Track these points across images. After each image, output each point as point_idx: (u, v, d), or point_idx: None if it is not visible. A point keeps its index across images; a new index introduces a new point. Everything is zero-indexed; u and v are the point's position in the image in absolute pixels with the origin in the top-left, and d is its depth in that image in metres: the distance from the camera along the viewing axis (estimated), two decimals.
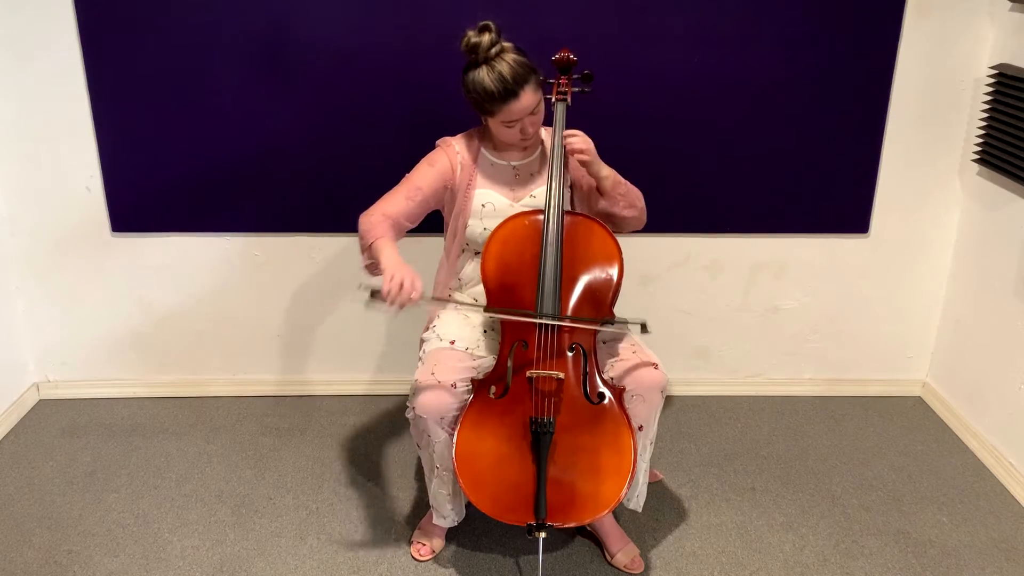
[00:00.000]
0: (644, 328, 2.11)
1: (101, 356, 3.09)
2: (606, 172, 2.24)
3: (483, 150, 2.30)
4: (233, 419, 3.02)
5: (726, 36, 2.71)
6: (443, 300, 2.27)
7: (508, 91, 2.10)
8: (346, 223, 2.90)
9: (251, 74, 2.72)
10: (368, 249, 2.19)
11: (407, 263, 2.08)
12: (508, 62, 2.10)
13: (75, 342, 3.07)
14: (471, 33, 2.11)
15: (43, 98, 2.75)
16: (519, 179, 2.30)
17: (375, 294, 2.04)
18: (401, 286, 2.01)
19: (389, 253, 2.12)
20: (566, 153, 2.20)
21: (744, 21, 2.69)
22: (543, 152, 2.34)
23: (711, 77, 2.75)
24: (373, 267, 2.21)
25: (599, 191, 2.27)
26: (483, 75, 2.10)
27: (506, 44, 2.13)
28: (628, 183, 2.31)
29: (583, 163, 2.20)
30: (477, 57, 2.11)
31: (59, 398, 3.12)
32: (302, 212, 2.89)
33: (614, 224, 2.32)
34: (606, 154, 2.35)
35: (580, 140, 2.17)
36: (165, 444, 2.87)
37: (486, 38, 2.09)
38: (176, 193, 2.86)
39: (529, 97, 2.12)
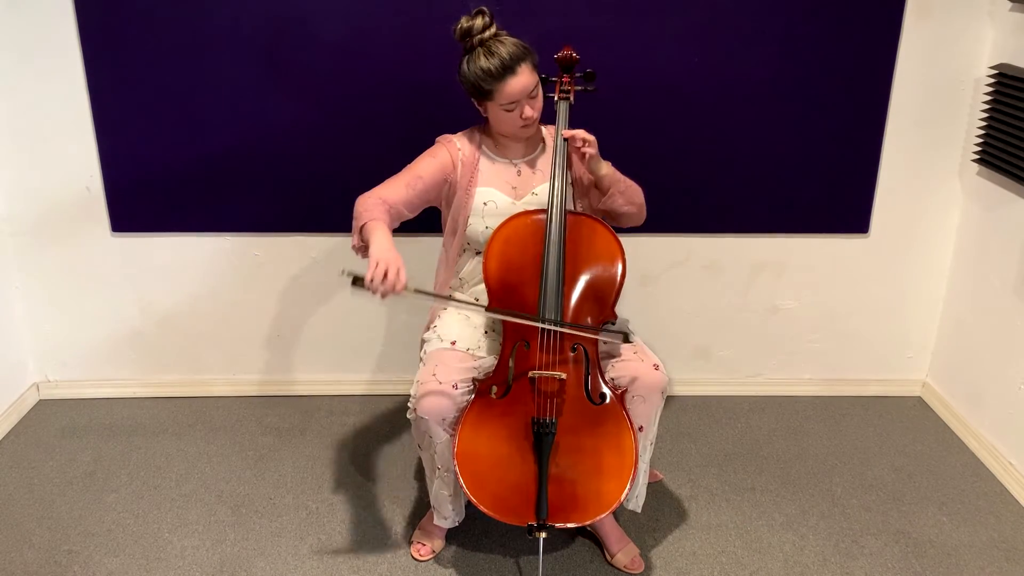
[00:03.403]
0: (626, 338, 2.16)
1: (101, 356, 3.09)
2: (605, 170, 2.24)
3: (484, 147, 2.29)
4: (233, 419, 3.01)
5: (726, 36, 2.71)
6: (434, 295, 2.21)
7: (505, 67, 2.10)
8: (346, 223, 2.86)
9: (251, 73, 2.72)
10: (360, 230, 2.15)
11: (396, 251, 2.02)
12: (503, 42, 2.12)
13: (75, 342, 3.07)
14: (464, 19, 2.13)
15: (43, 97, 2.75)
16: (521, 177, 2.30)
17: (357, 281, 1.96)
18: (385, 275, 1.96)
19: (380, 238, 2.06)
20: (568, 151, 2.20)
21: (744, 21, 2.69)
22: (544, 149, 2.34)
23: (711, 77, 2.75)
24: (362, 249, 2.15)
25: (597, 188, 2.27)
26: (479, 56, 2.12)
27: (500, 30, 2.15)
28: (627, 179, 2.31)
29: (588, 156, 2.20)
30: (472, 41, 2.13)
31: (59, 398, 3.12)
32: (302, 212, 2.89)
33: (613, 219, 2.32)
34: (607, 153, 2.35)
35: (585, 132, 2.18)
36: (165, 444, 2.87)
37: (479, 21, 2.11)
38: (176, 193, 2.86)
39: (527, 75, 2.13)
